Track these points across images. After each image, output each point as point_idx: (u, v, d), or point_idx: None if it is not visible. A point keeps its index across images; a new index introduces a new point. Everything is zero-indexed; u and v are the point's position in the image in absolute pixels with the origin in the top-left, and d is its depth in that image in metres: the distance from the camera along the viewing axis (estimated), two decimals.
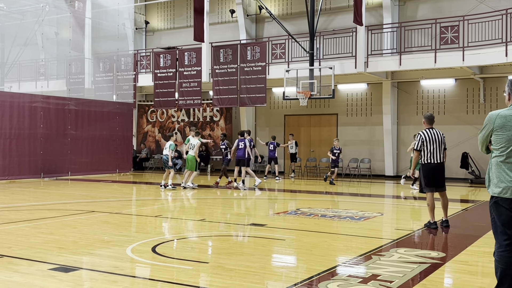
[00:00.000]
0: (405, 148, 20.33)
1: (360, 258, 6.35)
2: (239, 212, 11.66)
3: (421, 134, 8.62)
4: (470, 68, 17.63)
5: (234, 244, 7.51)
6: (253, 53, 20.42)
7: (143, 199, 13.82)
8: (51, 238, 7.57)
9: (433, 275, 5.63)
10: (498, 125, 4.18)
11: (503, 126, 4.15)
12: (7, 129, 17.61)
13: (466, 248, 7.12)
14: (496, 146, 4.23)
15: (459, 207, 11.68)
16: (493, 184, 4.20)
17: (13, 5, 23.75)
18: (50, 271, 5.63)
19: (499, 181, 4.16)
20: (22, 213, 10.37)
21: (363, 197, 14.36)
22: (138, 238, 7.71)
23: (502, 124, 4.16)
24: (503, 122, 4.15)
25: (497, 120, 4.18)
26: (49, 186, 16.55)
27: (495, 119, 4.19)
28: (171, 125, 25.30)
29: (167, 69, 22.39)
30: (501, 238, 4.15)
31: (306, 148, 22.66)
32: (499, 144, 4.19)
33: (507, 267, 4.08)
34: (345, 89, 21.70)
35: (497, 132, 4.19)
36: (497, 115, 4.19)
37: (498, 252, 4.15)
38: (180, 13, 25.94)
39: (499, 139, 4.19)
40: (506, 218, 4.11)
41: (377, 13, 20.72)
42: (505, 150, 4.16)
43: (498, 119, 4.18)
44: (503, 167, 4.16)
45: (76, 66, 23.72)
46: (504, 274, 4.10)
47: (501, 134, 4.16)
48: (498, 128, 4.17)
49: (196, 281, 5.41)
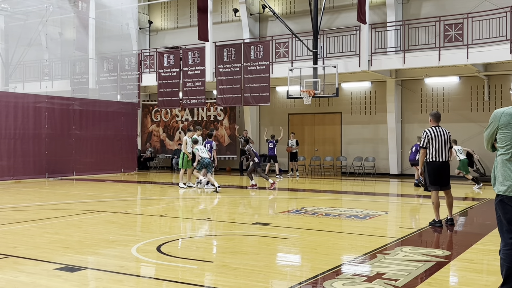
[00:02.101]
0: (409, 147, 20.31)
1: (365, 257, 6.35)
2: (243, 211, 11.66)
3: (427, 132, 8.59)
4: (474, 65, 17.56)
5: (239, 243, 7.51)
6: (256, 52, 20.42)
7: (148, 199, 13.84)
8: (57, 238, 7.60)
9: (438, 274, 5.62)
10: (503, 123, 4.15)
11: (508, 124, 4.13)
12: (12, 129, 17.67)
13: (471, 246, 7.11)
14: (501, 144, 4.20)
15: (464, 205, 11.66)
16: (499, 182, 4.18)
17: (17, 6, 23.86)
18: (56, 270, 5.65)
19: (505, 179, 4.13)
20: (27, 213, 10.40)
21: (368, 196, 14.35)
22: (143, 237, 7.72)
23: (507, 122, 4.13)
24: (508, 120, 4.13)
25: (502, 118, 4.16)
26: (54, 186, 16.60)
27: (500, 117, 4.17)
28: (175, 125, 25.33)
29: (171, 69, 22.41)
30: (506, 236, 4.13)
31: (310, 147, 22.65)
32: (504, 142, 4.17)
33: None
34: (349, 88, 21.67)
35: (502, 130, 4.16)
36: (502, 113, 4.17)
37: (504, 250, 4.14)
38: (183, 12, 25.96)
39: (504, 137, 4.16)
40: (511, 216, 4.10)
41: (380, 11, 20.67)
42: (510, 148, 4.13)
43: (504, 117, 4.15)
44: (508, 165, 4.13)
45: (80, 66, 23.79)
46: (509, 273, 4.08)
47: (506, 132, 4.14)
48: (503, 126, 4.15)
49: (201, 280, 5.42)
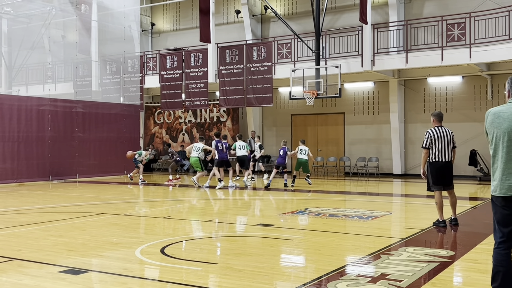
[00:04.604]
0: (412, 147, 20.29)
1: (369, 258, 6.34)
2: (247, 212, 11.66)
3: (429, 132, 8.56)
4: (477, 65, 17.53)
5: (243, 245, 7.51)
6: (259, 53, 20.43)
7: (151, 201, 13.85)
8: (61, 240, 7.61)
9: (443, 274, 5.61)
10: (489, 122, 4.16)
11: (491, 122, 4.13)
12: (15, 132, 17.72)
13: (475, 246, 7.09)
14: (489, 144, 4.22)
15: (468, 205, 11.63)
16: (492, 181, 4.20)
17: (20, 9, 23.91)
18: (60, 273, 5.66)
19: (493, 179, 4.16)
20: (31, 216, 10.42)
21: (371, 196, 14.32)
22: (147, 239, 7.73)
23: (491, 121, 4.14)
24: (492, 119, 4.13)
25: (489, 117, 4.17)
26: (57, 188, 16.64)
27: (488, 116, 4.19)
28: (178, 126, 25.35)
29: (174, 71, 22.44)
30: (496, 236, 4.16)
31: (313, 148, 22.61)
32: (489, 142, 4.19)
33: (499, 264, 4.07)
34: (351, 88, 21.66)
35: (489, 129, 4.18)
36: (490, 112, 4.18)
37: (494, 249, 4.17)
38: (185, 14, 25.98)
39: (489, 136, 4.18)
40: (499, 216, 4.10)
41: (382, 11, 20.66)
42: (492, 147, 4.14)
43: (490, 116, 4.16)
44: (495, 164, 4.15)
45: (83, 69, 23.85)
46: (495, 271, 4.10)
47: (491, 131, 4.14)
48: (489, 125, 4.16)
49: (205, 282, 5.42)
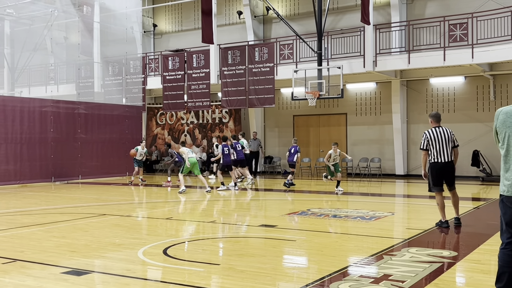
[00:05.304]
0: (415, 147, 20.26)
1: (372, 258, 6.33)
2: (249, 213, 11.66)
3: (426, 134, 8.55)
4: (479, 65, 17.50)
5: (245, 246, 7.51)
6: (261, 54, 20.43)
7: (153, 202, 13.86)
8: (63, 241, 7.62)
9: (445, 275, 5.61)
10: (500, 121, 4.11)
11: (503, 122, 4.08)
12: (18, 133, 17.76)
13: (478, 246, 7.08)
14: (499, 143, 4.17)
15: (471, 206, 11.61)
16: (501, 181, 4.17)
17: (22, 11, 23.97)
18: (63, 274, 5.67)
19: (504, 179, 4.10)
20: (34, 217, 10.43)
21: (374, 197, 14.31)
22: (149, 240, 7.73)
23: (503, 120, 4.09)
24: (504, 118, 4.08)
25: (500, 117, 4.12)
26: (60, 189, 16.66)
27: (498, 116, 4.13)
28: (181, 127, 25.36)
29: (176, 72, 22.45)
30: (504, 236, 4.12)
31: (316, 148, 22.62)
32: (501, 141, 4.13)
33: (505, 265, 4.05)
34: (353, 89, 21.64)
35: (499, 129, 4.12)
36: (501, 112, 4.13)
37: (500, 249, 4.14)
38: (187, 15, 26.00)
39: (501, 136, 4.13)
40: (509, 216, 4.06)
41: (385, 12, 20.64)
42: (504, 147, 4.10)
43: (501, 115, 4.11)
44: (506, 165, 4.10)
45: (85, 70, 23.88)
46: (501, 271, 4.07)
47: (502, 131, 4.09)
48: (500, 125, 4.11)
49: (207, 283, 5.42)
